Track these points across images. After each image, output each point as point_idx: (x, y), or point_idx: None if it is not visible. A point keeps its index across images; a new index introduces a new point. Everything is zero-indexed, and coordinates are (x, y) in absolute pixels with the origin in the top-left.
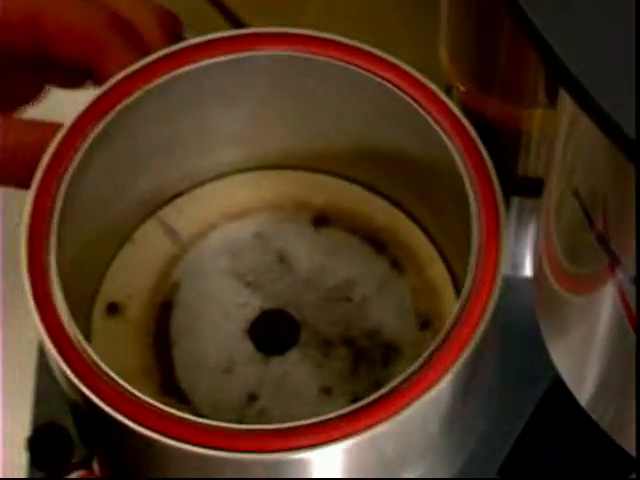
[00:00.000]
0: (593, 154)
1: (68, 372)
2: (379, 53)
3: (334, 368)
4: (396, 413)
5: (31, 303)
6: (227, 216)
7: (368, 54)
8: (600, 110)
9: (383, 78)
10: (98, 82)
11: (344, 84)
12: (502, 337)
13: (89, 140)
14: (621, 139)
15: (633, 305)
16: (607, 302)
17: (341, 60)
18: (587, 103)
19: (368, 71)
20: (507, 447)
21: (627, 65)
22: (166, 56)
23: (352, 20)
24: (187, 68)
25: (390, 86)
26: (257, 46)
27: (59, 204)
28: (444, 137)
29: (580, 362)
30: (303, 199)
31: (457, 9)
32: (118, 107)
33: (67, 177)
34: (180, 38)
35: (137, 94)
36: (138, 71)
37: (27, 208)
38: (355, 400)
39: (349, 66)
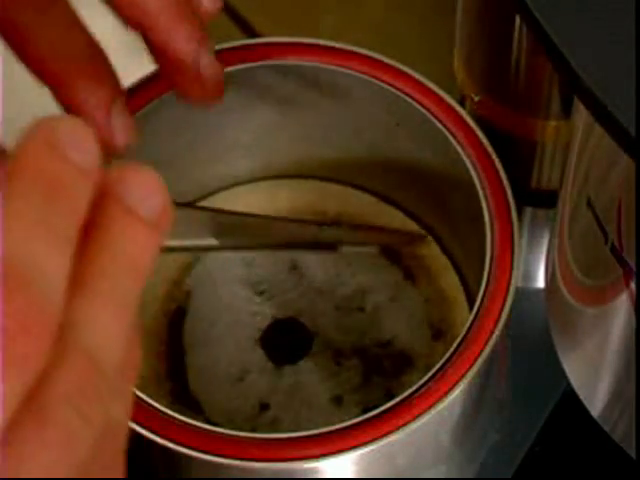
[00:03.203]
0: (607, 164)
1: None
2: (395, 64)
3: (346, 378)
4: (408, 423)
5: None
6: None
7: (384, 65)
8: (614, 120)
9: (399, 89)
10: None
11: (360, 95)
12: (514, 348)
13: None
14: (635, 149)
15: None
16: (621, 313)
17: (358, 71)
18: (601, 113)
19: (384, 82)
20: (519, 459)
21: None
22: None
23: (368, 33)
24: None
25: (406, 97)
26: (273, 56)
27: None
28: (458, 148)
29: (592, 373)
30: (318, 208)
31: (472, 21)
32: (134, 115)
33: None
34: None
35: (153, 102)
36: (154, 79)
37: None
38: (367, 410)
39: (366, 77)
